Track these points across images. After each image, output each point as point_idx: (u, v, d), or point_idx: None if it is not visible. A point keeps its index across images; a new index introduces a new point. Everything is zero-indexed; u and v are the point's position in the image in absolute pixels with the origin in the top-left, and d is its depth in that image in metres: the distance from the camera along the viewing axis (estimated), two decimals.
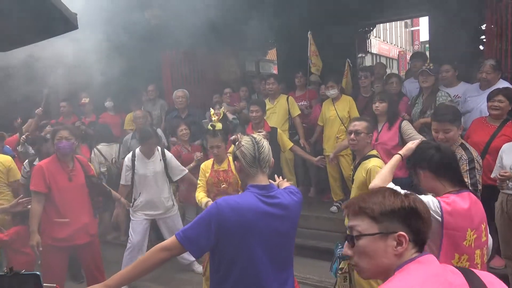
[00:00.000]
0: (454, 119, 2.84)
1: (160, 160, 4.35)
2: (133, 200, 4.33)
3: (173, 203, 4.49)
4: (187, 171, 4.50)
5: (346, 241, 1.24)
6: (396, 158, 2.58)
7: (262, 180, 1.91)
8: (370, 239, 1.17)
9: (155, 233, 4.90)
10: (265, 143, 1.95)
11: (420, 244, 1.19)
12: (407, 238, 1.15)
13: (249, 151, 1.90)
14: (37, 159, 4.33)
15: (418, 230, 1.18)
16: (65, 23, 2.08)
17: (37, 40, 2.36)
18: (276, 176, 2.41)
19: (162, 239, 5.03)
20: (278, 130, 4.75)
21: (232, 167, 3.57)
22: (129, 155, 4.37)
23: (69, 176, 3.54)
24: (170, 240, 1.77)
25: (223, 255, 1.80)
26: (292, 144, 4.74)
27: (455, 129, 2.84)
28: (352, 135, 3.14)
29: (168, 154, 4.45)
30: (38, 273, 1.34)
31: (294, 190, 2.01)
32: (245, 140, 1.94)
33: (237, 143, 1.96)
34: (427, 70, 4.36)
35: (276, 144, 4.66)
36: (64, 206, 3.49)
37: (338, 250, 3.25)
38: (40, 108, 5.71)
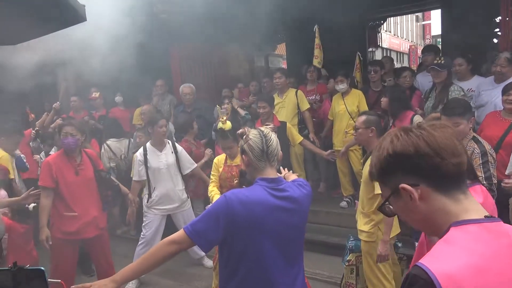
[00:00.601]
0: (463, 113, 2.79)
1: (172, 152, 4.33)
2: (147, 197, 4.30)
3: (187, 196, 4.47)
4: (196, 165, 4.49)
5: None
6: None
7: (271, 173, 1.88)
8: (391, 201, 1.07)
9: (168, 230, 4.89)
10: (273, 136, 1.92)
11: (448, 183, 1.00)
12: (408, 186, 0.99)
13: (256, 145, 1.87)
14: (52, 150, 4.34)
15: (430, 168, 0.98)
16: (74, 15, 2.07)
17: (46, 33, 2.35)
18: (281, 168, 2.38)
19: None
20: (288, 124, 4.71)
21: None
22: (140, 150, 4.34)
23: (76, 170, 3.56)
24: (178, 233, 1.76)
25: (231, 250, 1.78)
26: (302, 138, 4.71)
27: (465, 122, 2.79)
28: (354, 131, 3.21)
29: (179, 147, 4.43)
30: (42, 268, 1.32)
31: (303, 183, 1.98)
32: (252, 134, 1.91)
33: (244, 137, 1.93)
34: (436, 67, 4.23)
35: (285, 139, 4.63)
36: (72, 200, 3.51)
37: (350, 242, 3.26)
38: (58, 103, 5.70)
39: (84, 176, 3.59)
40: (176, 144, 4.45)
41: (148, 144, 4.34)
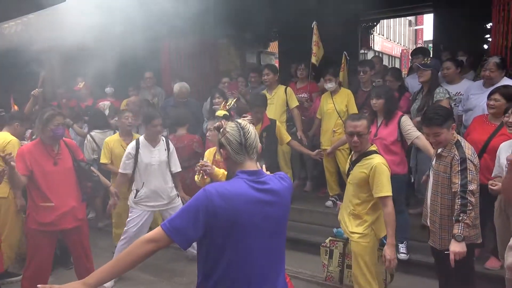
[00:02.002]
0: (442, 122, 2.77)
1: (165, 149, 4.25)
2: (135, 192, 4.20)
3: (177, 194, 4.37)
4: (179, 169, 4.37)
5: None
6: None
7: (251, 166, 1.83)
8: None
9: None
10: (251, 128, 1.86)
11: None
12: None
13: (234, 138, 1.81)
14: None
15: None
16: None
17: (25, 13, 2.26)
18: (263, 166, 2.32)
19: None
20: (277, 122, 4.66)
21: None
22: (133, 142, 4.22)
23: (55, 160, 3.45)
24: (155, 231, 1.68)
25: (211, 245, 1.72)
26: (290, 138, 4.67)
27: (445, 131, 2.78)
28: (355, 138, 3.00)
29: (171, 145, 4.35)
30: None
31: (284, 176, 1.93)
32: (230, 127, 1.84)
33: (221, 130, 1.87)
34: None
35: (274, 137, 4.59)
36: (49, 190, 3.40)
37: (338, 229, 3.49)
38: (37, 89, 5.58)
39: (63, 166, 3.48)
40: (169, 142, 4.37)
41: (141, 138, 4.23)
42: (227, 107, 3.57)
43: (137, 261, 1.65)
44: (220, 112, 3.57)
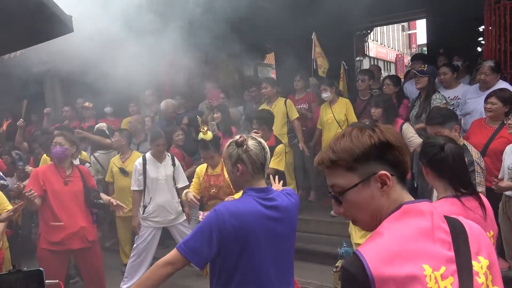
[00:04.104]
0: (442, 122, 2.83)
1: (172, 164, 4.33)
2: (143, 207, 4.25)
3: (183, 209, 4.41)
4: (187, 183, 4.40)
5: (333, 200, 1.16)
6: None
7: (260, 183, 1.87)
8: (354, 191, 1.08)
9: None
10: (267, 148, 1.90)
11: (402, 176, 1.11)
12: (388, 175, 1.06)
13: (258, 158, 1.83)
14: None
15: (396, 162, 1.09)
16: (61, 26, 2.05)
17: (32, 44, 2.33)
18: (271, 178, 2.36)
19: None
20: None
21: (225, 171, 3.40)
22: (140, 159, 4.33)
23: (65, 180, 3.56)
24: (172, 253, 1.73)
25: (224, 262, 1.76)
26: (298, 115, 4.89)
27: (447, 131, 2.82)
28: None
29: (176, 160, 4.44)
30: (41, 269, 1.33)
31: (291, 192, 1.98)
32: (252, 145, 1.84)
33: (245, 146, 1.84)
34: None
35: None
36: (58, 209, 3.50)
37: (342, 248, 3.25)
38: (21, 120, 5.80)
39: (72, 187, 3.59)
40: (175, 157, 4.45)
41: (148, 155, 4.33)
42: (207, 132, 3.55)
43: (156, 285, 1.70)
44: (207, 136, 3.54)
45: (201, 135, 3.56)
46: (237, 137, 1.90)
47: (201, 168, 3.80)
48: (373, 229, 1.10)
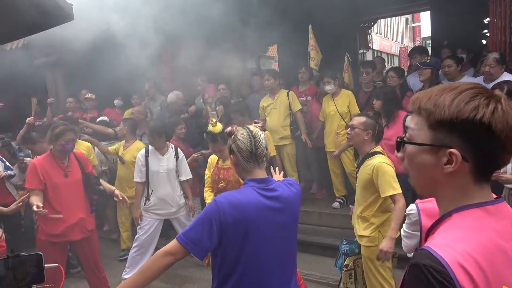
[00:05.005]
0: None
1: (174, 157, 4.29)
2: (145, 199, 4.26)
3: (185, 201, 4.41)
4: (190, 177, 4.44)
5: (396, 143, 1.03)
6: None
7: (260, 173, 1.86)
8: (418, 148, 0.95)
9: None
10: (262, 136, 1.88)
11: (487, 172, 0.94)
12: (460, 157, 0.90)
13: (245, 146, 1.83)
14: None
15: (486, 152, 0.90)
16: (61, 14, 2.04)
17: (33, 33, 2.32)
18: (272, 169, 2.36)
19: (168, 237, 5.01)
20: (266, 133, 4.61)
21: None
22: (142, 151, 4.31)
23: (65, 172, 3.52)
24: (172, 244, 1.73)
25: (225, 253, 1.76)
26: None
27: None
28: (348, 130, 3.08)
29: (180, 153, 4.39)
30: (40, 253, 1.34)
31: (293, 182, 1.97)
32: (241, 134, 1.86)
33: (232, 136, 1.88)
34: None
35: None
36: (58, 202, 3.47)
37: (343, 246, 3.20)
38: (31, 117, 5.79)
39: (72, 178, 3.55)
40: (178, 149, 4.41)
41: (150, 146, 4.30)
42: (216, 124, 3.51)
43: (156, 275, 1.71)
44: (216, 129, 3.49)
45: (210, 128, 3.52)
46: (228, 128, 1.93)
47: (213, 159, 3.77)
48: (421, 192, 1.02)
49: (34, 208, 3.14)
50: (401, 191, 2.86)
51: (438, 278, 0.81)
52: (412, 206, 1.82)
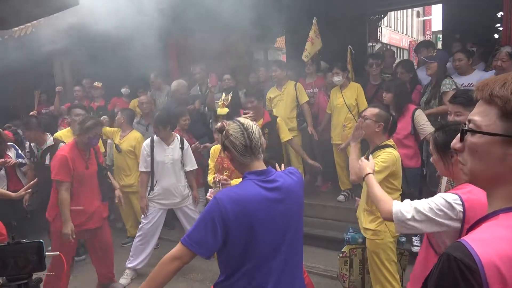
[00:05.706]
0: (467, 104, 2.72)
1: (180, 147, 4.28)
2: (149, 189, 4.28)
3: (189, 192, 4.42)
4: (196, 167, 4.44)
5: (460, 134, 0.95)
6: (369, 177, 2.31)
7: (258, 165, 1.82)
8: (488, 138, 0.86)
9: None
10: (254, 127, 1.82)
11: None
12: None
13: (238, 140, 1.77)
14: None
15: None
16: None
17: (38, 17, 2.30)
18: (277, 165, 2.34)
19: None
20: (278, 119, 4.62)
21: None
22: (148, 141, 4.31)
23: (87, 164, 3.63)
24: (177, 247, 1.71)
25: (232, 249, 1.73)
26: (291, 137, 4.66)
27: (467, 113, 2.73)
28: (360, 119, 3.01)
29: (186, 143, 4.39)
30: (41, 240, 1.33)
31: (293, 170, 1.93)
32: (232, 129, 1.80)
33: (224, 132, 1.82)
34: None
35: (276, 134, 4.53)
36: (80, 193, 3.57)
37: (348, 233, 3.21)
38: (35, 111, 5.86)
39: (92, 169, 3.67)
40: (184, 140, 4.40)
41: (155, 136, 4.30)
42: (226, 103, 3.47)
43: (165, 281, 1.71)
44: (222, 111, 3.48)
45: (218, 110, 3.50)
46: (218, 124, 1.87)
47: (215, 149, 3.75)
48: (480, 187, 0.94)
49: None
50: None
51: (466, 275, 0.76)
52: (455, 197, 1.71)
